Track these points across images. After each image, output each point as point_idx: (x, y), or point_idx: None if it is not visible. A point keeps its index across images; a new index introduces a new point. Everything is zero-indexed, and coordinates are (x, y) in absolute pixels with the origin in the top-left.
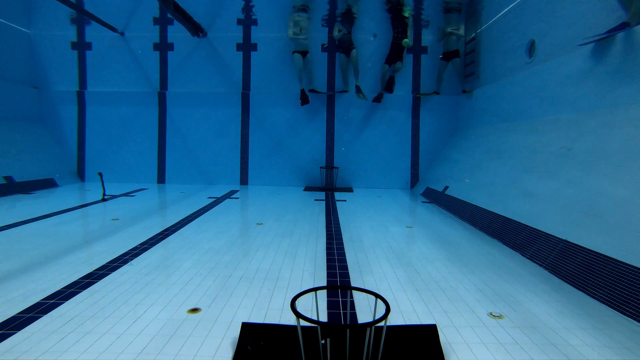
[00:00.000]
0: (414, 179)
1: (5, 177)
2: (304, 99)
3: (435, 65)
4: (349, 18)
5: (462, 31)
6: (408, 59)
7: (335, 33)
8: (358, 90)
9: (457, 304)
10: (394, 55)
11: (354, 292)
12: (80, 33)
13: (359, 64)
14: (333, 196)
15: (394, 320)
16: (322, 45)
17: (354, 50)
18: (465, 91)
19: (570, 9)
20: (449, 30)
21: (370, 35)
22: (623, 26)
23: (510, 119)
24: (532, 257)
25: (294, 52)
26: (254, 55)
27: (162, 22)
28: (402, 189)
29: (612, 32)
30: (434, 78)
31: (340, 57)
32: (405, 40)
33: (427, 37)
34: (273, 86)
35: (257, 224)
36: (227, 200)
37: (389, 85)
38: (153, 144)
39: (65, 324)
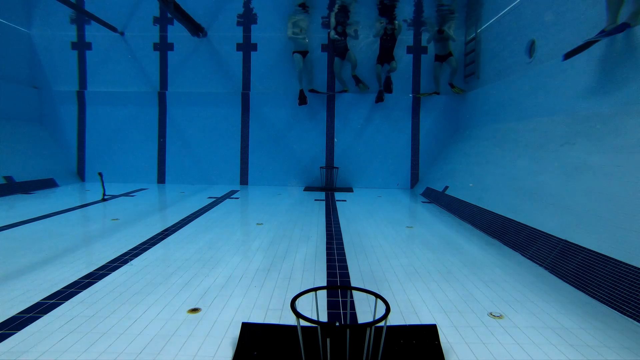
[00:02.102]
0: (414, 179)
1: (5, 177)
2: (302, 99)
3: (435, 63)
4: (344, 17)
5: (452, 32)
6: (408, 59)
7: (332, 34)
8: (357, 80)
9: (457, 304)
10: (385, 54)
11: (354, 292)
12: (80, 33)
13: (357, 62)
14: (333, 196)
15: (394, 320)
16: (322, 45)
17: (349, 52)
18: (453, 86)
19: (570, 9)
20: (441, 35)
21: (368, 35)
22: (623, 27)
23: (510, 119)
24: (532, 257)
25: (294, 52)
26: (254, 55)
27: (162, 22)
28: (402, 188)
29: (613, 32)
30: (433, 77)
31: (335, 60)
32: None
33: (427, 37)
34: (273, 86)
35: (257, 224)
36: (227, 200)
37: (387, 86)
38: (153, 144)
39: (65, 324)
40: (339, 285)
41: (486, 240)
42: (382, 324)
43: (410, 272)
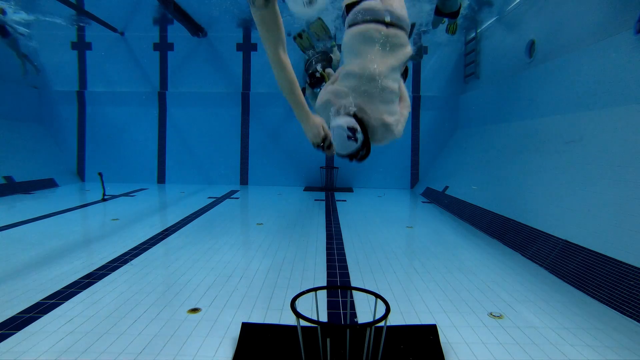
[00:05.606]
0: (414, 179)
1: (5, 177)
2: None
3: (436, 64)
4: None
5: None
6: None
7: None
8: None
9: (457, 304)
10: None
11: (354, 292)
12: (80, 33)
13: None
14: (333, 196)
15: (394, 320)
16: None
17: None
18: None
19: (570, 9)
20: None
21: None
22: None
23: (510, 118)
24: (532, 257)
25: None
26: (254, 55)
27: (162, 22)
28: (402, 188)
29: None
30: (434, 77)
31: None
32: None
33: (428, 37)
34: (273, 86)
35: (257, 224)
36: (227, 200)
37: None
38: (153, 144)
39: (65, 324)
40: (339, 285)
41: (486, 240)
42: (382, 324)
43: (410, 272)
